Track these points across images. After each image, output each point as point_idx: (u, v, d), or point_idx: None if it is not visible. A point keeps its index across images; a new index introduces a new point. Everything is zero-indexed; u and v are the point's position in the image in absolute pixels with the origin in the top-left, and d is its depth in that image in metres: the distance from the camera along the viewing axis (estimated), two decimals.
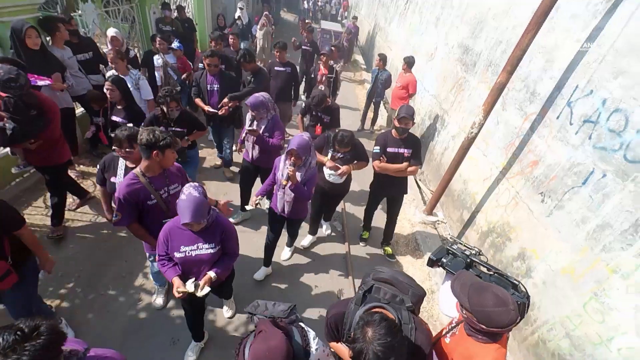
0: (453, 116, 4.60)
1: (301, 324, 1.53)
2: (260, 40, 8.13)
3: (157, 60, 4.64)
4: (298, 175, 2.58)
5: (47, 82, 3.12)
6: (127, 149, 2.19)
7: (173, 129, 3.05)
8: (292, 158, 2.47)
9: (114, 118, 3.12)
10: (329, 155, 3.11)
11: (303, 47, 6.89)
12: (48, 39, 3.59)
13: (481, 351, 1.40)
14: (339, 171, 3.02)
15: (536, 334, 2.60)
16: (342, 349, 1.55)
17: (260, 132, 3.18)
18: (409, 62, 5.47)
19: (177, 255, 1.94)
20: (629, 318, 1.94)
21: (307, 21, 10.10)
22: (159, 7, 6.14)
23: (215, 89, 3.78)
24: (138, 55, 5.14)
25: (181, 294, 1.89)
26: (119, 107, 3.11)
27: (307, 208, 2.93)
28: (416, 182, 5.26)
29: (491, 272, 1.68)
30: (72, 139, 3.79)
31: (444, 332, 1.69)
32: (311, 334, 1.48)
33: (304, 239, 3.77)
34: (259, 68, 4.25)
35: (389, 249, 3.83)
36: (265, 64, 6.73)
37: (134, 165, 2.22)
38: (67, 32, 3.60)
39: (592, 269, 2.21)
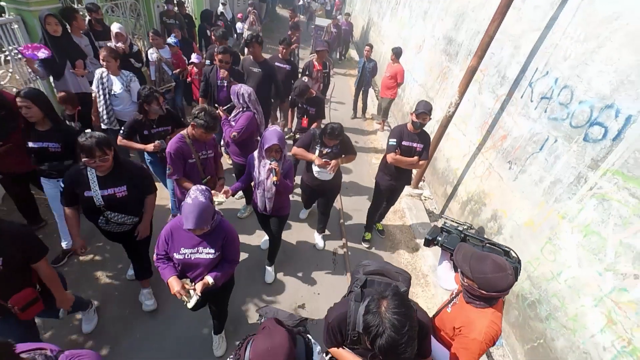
0: (438, 102, 5.03)
1: (309, 335, 1.50)
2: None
3: (152, 54, 4.59)
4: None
5: (46, 53, 3.22)
6: (101, 157, 1.97)
7: (157, 129, 3.01)
8: (273, 154, 2.40)
9: (35, 145, 2.42)
10: (317, 152, 3.06)
11: (277, 63, 4.61)
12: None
13: (479, 315, 1.51)
14: (329, 167, 3.01)
15: None
16: (344, 354, 1.51)
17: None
18: (397, 53, 5.85)
19: (176, 256, 1.91)
20: (572, 254, 2.38)
21: (296, 16, 9.51)
22: (162, 1, 6.44)
23: (225, 84, 3.80)
24: (142, 49, 5.43)
25: (184, 293, 1.87)
26: (40, 128, 2.42)
27: (289, 203, 2.89)
28: None
29: (484, 243, 1.81)
30: (89, 124, 4.08)
31: (444, 304, 1.81)
32: (317, 348, 1.44)
33: (301, 213, 4.09)
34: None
35: (379, 225, 4.11)
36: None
37: (105, 174, 2.09)
38: (83, 22, 3.92)
39: (547, 218, 2.65)
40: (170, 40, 4.81)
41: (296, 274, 3.41)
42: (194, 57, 5.00)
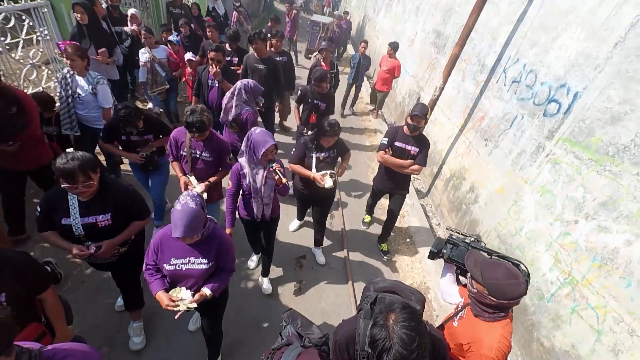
0: (427, 91, 5.45)
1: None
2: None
3: (143, 55, 4.22)
4: None
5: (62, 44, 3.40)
6: (85, 182, 1.72)
7: (136, 138, 2.79)
8: (270, 156, 2.27)
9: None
10: (313, 158, 2.84)
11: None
12: None
13: (489, 329, 1.44)
14: (339, 173, 2.95)
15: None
16: None
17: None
18: (395, 47, 6.04)
19: (166, 267, 1.79)
20: (531, 211, 2.82)
21: (292, 10, 9.07)
22: None
23: (217, 84, 3.61)
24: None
25: (174, 307, 1.76)
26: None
27: (279, 204, 2.78)
28: None
29: (492, 256, 1.71)
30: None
31: (450, 317, 1.73)
32: None
33: (291, 224, 3.80)
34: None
35: (384, 246, 3.78)
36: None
37: (88, 199, 1.84)
38: (103, 8, 4.25)
39: (513, 184, 3.09)
40: (172, 37, 4.56)
41: (292, 287, 3.19)
42: (188, 55, 4.65)
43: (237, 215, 2.68)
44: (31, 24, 3.53)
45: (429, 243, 3.99)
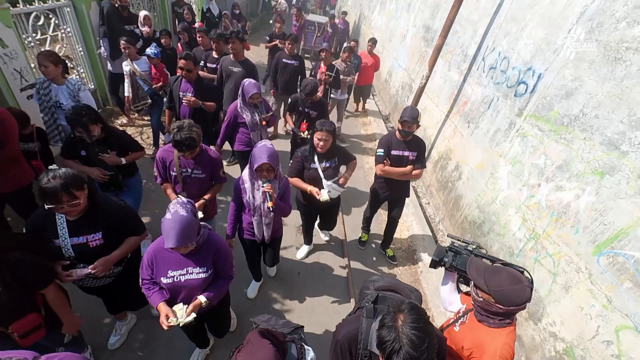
0: (417, 82, 5.81)
1: (304, 344, 1.42)
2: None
3: (125, 67, 3.98)
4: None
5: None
6: (70, 202, 1.63)
7: (99, 154, 2.47)
8: (264, 174, 2.14)
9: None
10: (320, 171, 2.73)
11: (284, 59, 4.84)
12: None
13: (493, 336, 1.42)
14: (341, 182, 2.82)
15: (463, 215, 3.87)
16: None
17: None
18: (374, 42, 6.40)
19: (164, 280, 1.73)
20: (504, 181, 3.19)
21: (302, 17, 9.13)
22: None
23: (189, 95, 3.27)
24: None
25: (168, 326, 1.67)
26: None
27: (282, 224, 2.70)
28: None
29: (495, 263, 1.69)
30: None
31: (451, 322, 1.71)
32: (310, 353, 1.38)
33: (299, 251, 3.59)
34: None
35: (390, 251, 3.77)
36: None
37: (76, 217, 1.76)
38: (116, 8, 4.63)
39: (490, 159, 3.46)
40: (149, 51, 4.03)
41: (291, 290, 3.21)
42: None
43: (237, 236, 2.61)
44: (57, 22, 3.90)
45: (418, 223, 4.37)
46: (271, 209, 2.13)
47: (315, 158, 2.73)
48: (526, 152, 2.96)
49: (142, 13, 5.22)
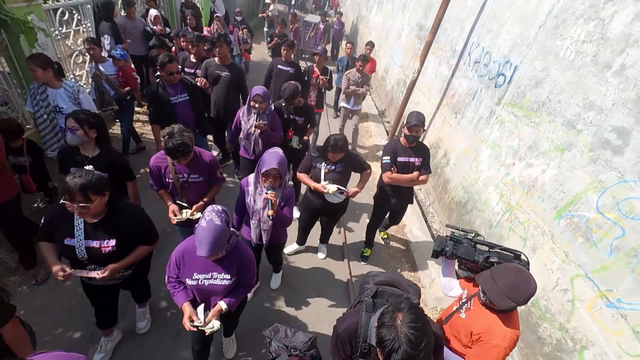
0: (410, 78, 6.18)
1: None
2: None
3: (91, 69, 3.73)
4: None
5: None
6: (82, 204, 1.65)
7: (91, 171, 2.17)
8: (270, 180, 2.11)
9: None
10: (322, 172, 2.76)
11: (279, 66, 4.54)
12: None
13: (500, 320, 1.55)
14: (351, 193, 2.82)
15: (450, 197, 4.23)
16: None
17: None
18: (372, 46, 6.53)
19: (189, 282, 1.79)
20: (485, 163, 3.55)
21: (297, 22, 8.91)
22: None
23: (181, 99, 3.25)
24: None
25: (194, 328, 1.72)
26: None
27: (286, 231, 2.67)
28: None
29: (493, 248, 1.81)
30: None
31: (454, 309, 1.78)
32: None
33: (289, 246, 3.56)
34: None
35: (384, 234, 3.94)
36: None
37: (95, 221, 1.79)
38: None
39: (474, 144, 3.82)
40: (115, 52, 3.81)
41: (295, 293, 3.21)
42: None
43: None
44: (79, 17, 4.24)
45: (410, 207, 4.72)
46: (271, 218, 2.11)
47: (322, 159, 2.79)
48: (503, 136, 3.32)
49: (153, 12, 5.50)
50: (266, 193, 2.10)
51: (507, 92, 3.34)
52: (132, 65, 4.85)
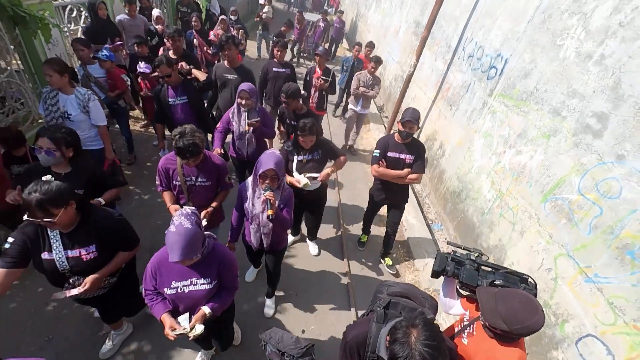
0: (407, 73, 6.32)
1: None
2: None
3: (79, 71, 3.54)
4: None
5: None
6: (45, 219, 1.55)
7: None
8: (268, 181, 2.08)
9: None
10: (294, 161, 2.76)
11: (274, 68, 4.43)
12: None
13: (506, 352, 1.41)
14: (320, 177, 2.78)
15: (445, 187, 4.37)
16: None
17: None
18: (373, 46, 6.60)
19: (167, 291, 1.71)
20: (478, 152, 3.69)
21: (304, 21, 8.99)
22: None
23: (180, 102, 3.21)
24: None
25: (175, 336, 1.64)
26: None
27: (286, 236, 2.66)
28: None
29: (499, 270, 1.67)
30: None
31: (456, 331, 1.67)
32: None
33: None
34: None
35: (388, 260, 3.64)
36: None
37: (70, 230, 1.71)
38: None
39: (467, 135, 3.96)
40: (100, 53, 3.67)
41: (294, 295, 3.18)
42: (142, 67, 4.01)
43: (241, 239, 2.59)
44: (86, 14, 4.39)
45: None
46: (270, 218, 2.05)
47: (297, 151, 2.78)
48: (495, 126, 3.46)
49: (155, 12, 5.61)
50: (264, 194, 2.08)
51: (499, 84, 3.48)
52: (129, 66, 4.71)
